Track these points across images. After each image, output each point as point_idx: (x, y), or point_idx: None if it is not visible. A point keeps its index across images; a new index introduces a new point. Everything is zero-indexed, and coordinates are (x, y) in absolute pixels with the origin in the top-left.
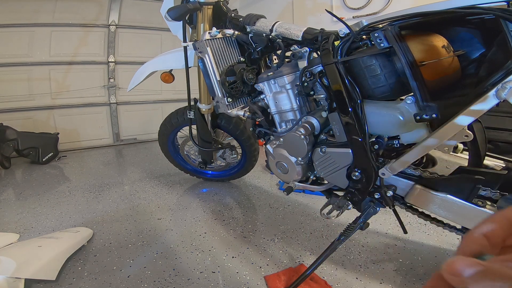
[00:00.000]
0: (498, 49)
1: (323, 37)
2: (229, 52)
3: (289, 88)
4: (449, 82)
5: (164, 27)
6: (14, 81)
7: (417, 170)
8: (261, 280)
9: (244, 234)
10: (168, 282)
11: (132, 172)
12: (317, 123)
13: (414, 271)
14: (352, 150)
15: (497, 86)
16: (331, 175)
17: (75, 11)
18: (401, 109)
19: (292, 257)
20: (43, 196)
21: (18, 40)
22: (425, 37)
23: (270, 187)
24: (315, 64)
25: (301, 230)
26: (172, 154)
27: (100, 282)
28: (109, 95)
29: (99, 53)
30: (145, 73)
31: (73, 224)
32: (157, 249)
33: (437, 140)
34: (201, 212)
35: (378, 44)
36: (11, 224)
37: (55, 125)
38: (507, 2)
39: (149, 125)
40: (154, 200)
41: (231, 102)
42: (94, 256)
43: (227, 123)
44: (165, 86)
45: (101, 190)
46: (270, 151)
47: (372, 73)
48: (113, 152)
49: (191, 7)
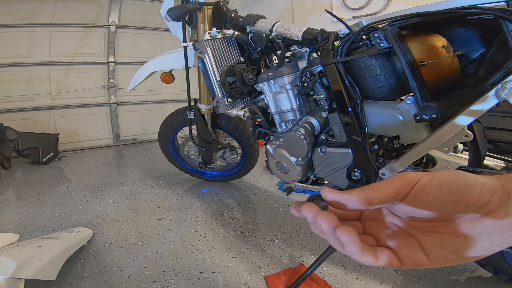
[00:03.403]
0: (498, 49)
1: (323, 37)
2: (229, 52)
3: (289, 88)
4: (449, 82)
5: (164, 27)
6: (14, 82)
7: (417, 170)
8: (261, 280)
9: (244, 234)
10: (168, 282)
11: (132, 172)
12: (317, 123)
13: (414, 271)
14: (352, 150)
15: (497, 86)
16: (331, 175)
17: (75, 12)
18: (401, 109)
19: (292, 257)
20: (43, 196)
21: (18, 41)
22: (425, 37)
23: (270, 187)
24: (315, 64)
25: (301, 231)
26: (172, 155)
27: (100, 282)
28: (109, 96)
29: (99, 54)
30: (145, 74)
31: (73, 224)
32: (157, 249)
33: (437, 140)
34: (201, 212)
35: (378, 44)
36: (11, 225)
37: (55, 126)
38: (507, 2)
39: (149, 125)
40: (154, 201)
41: (231, 103)
42: (94, 256)
43: (227, 123)
44: (165, 87)
45: (101, 191)
46: (270, 151)
47: (372, 73)
48: (113, 152)
49: (191, 7)
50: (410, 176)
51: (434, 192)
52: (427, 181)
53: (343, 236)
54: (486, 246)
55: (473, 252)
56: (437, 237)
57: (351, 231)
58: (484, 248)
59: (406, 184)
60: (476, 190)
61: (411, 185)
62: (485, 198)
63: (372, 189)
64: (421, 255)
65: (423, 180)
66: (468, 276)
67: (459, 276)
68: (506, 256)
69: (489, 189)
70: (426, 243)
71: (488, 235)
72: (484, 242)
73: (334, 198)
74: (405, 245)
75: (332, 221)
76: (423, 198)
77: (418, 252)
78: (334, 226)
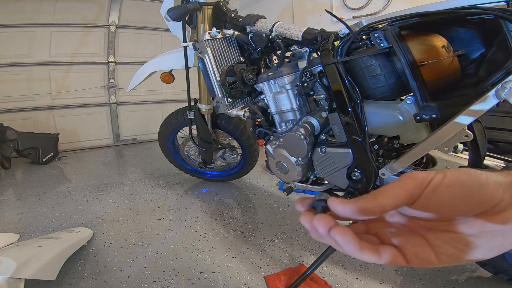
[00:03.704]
0: (498, 49)
1: (323, 37)
2: (229, 52)
3: (289, 88)
4: (449, 82)
5: (164, 27)
6: (14, 82)
7: (417, 170)
8: (261, 280)
9: (244, 234)
10: (168, 282)
11: (132, 172)
12: (317, 123)
13: (414, 271)
14: (352, 150)
15: (497, 86)
16: (331, 175)
17: (75, 12)
18: (401, 109)
19: (292, 257)
20: (43, 196)
21: (18, 41)
22: (425, 37)
23: (270, 187)
24: (315, 64)
25: (301, 231)
26: (172, 155)
27: (100, 282)
28: (109, 96)
29: (99, 54)
30: (145, 74)
31: (73, 224)
32: (157, 249)
33: (437, 140)
34: (201, 212)
35: (378, 44)
36: (11, 225)
37: (55, 126)
38: (507, 2)
39: (149, 125)
40: (154, 200)
41: (231, 103)
42: (94, 256)
43: (227, 123)
44: (165, 87)
45: (101, 190)
46: (270, 152)
47: (372, 73)
48: (113, 152)
49: (191, 7)
50: (422, 177)
51: (446, 193)
52: (438, 181)
53: (338, 237)
54: (498, 245)
55: (485, 251)
56: (447, 235)
57: (345, 231)
58: (497, 246)
59: (418, 185)
60: (489, 188)
61: (423, 186)
62: (498, 196)
63: (385, 194)
64: (430, 253)
65: (435, 181)
66: (468, 276)
67: (459, 276)
68: (506, 256)
69: (500, 186)
70: (435, 241)
71: (501, 233)
72: (497, 241)
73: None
74: (412, 243)
75: (328, 223)
76: (434, 199)
77: (426, 250)
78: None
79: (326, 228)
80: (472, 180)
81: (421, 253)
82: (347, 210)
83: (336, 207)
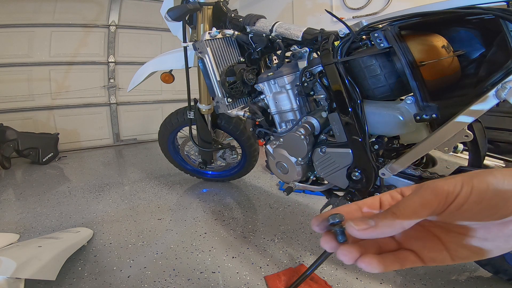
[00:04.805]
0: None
1: (323, 37)
2: (229, 52)
3: (289, 88)
4: (449, 82)
5: (164, 27)
6: (14, 82)
7: (417, 170)
8: (261, 280)
9: (244, 234)
10: (168, 282)
11: (132, 172)
12: (317, 123)
13: (414, 271)
14: (352, 150)
15: (497, 86)
16: (331, 175)
17: (75, 12)
18: (401, 109)
19: (292, 257)
20: (43, 196)
21: (18, 41)
22: (425, 37)
23: (270, 188)
24: (315, 64)
25: (301, 231)
26: (172, 155)
27: (100, 282)
28: (109, 96)
29: (99, 54)
30: (145, 74)
31: (73, 224)
32: (157, 249)
33: (437, 140)
34: (201, 212)
35: (378, 44)
36: (11, 225)
37: (55, 126)
38: (507, 2)
39: (149, 125)
40: (154, 200)
41: (231, 103)
42: (94, 256)
43: (227, 123)
44: (165, 87)
45: (101, 190)
46: (270, 151)
47: (372, 73)
48: (113, 152)
49: (191, 7)
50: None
51: (472, 209)
52: (465, 197)
53: (364, 265)
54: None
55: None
56: (463, 238)
57: (371, 261)
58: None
59: (442, 203)
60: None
61: (448, 203)
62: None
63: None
64: (446, 257)
65: (461, 198)
66: (468, 276)
67: (459, 276)
68: (506, 256)
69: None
70: (451, 245)
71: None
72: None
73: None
74: (429, 249)
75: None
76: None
77: (442, 255)
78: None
79: (352, 261)
80: (499, 197)
81: (438, 257)
82: (367, 235)
83: (356, 233)
